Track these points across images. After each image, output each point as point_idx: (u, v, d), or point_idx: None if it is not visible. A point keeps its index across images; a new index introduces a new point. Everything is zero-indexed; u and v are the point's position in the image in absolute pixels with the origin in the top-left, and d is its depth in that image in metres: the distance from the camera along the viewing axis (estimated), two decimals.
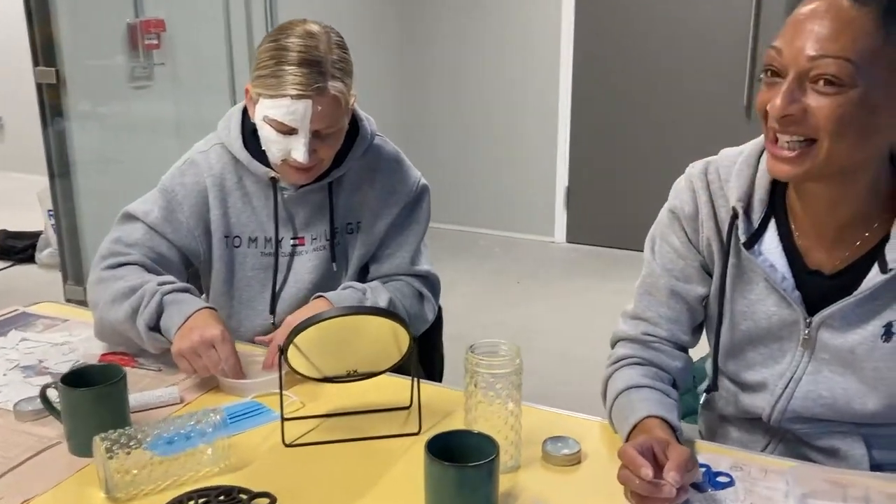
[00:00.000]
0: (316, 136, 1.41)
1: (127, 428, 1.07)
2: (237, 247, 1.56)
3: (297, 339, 1.16)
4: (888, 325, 1.06)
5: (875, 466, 1.15)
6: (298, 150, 1.40)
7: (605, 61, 4.71)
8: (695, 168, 1.19)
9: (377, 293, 1.51)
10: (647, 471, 0.91)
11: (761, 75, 1.03)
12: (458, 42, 4.96)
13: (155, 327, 1.38)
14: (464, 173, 5.11)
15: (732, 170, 1.14)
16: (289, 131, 1.39)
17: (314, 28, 1.41)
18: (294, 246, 1.57)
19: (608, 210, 4.90)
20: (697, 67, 4.50)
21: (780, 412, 1.16)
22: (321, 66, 1.37)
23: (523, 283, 4.35)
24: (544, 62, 4.81)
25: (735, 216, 1.11)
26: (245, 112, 1.54)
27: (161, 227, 1.51)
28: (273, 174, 1.50)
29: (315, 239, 1.57)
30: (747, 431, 1.25)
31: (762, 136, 1.07)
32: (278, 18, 3.47)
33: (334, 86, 1.38)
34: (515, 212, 5.02)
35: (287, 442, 1.18)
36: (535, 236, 5.04)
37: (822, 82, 0.95)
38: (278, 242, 1.55)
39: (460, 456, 0.97)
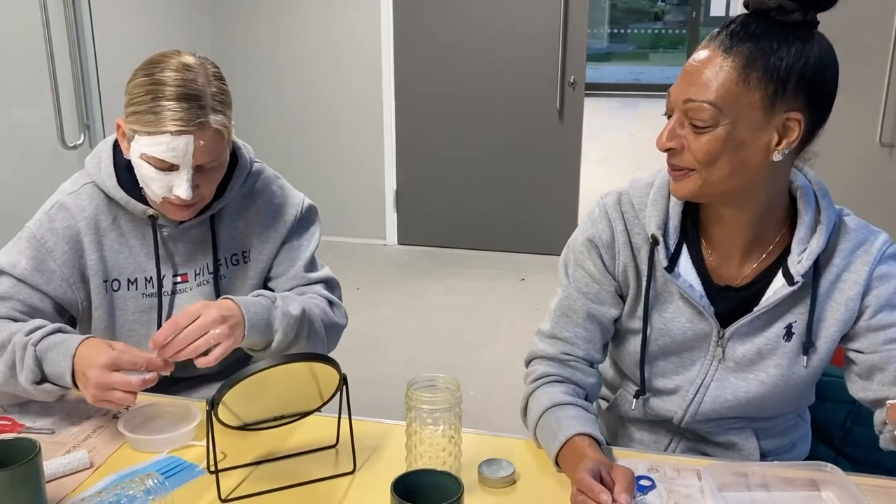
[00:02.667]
0: (198, 170, 1.36)
1: None
2: (116, 290, 1.47)
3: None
4: (789, 326, 1.22)
5: (763, 454, 1.32)
6: (181, 187, 1.34)
7: (426, 66, 4.83)
8: (608, 199, 1.28)
9: (288, 302, 1.44)
10: (606, 497, 0.98)
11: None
12: (278, 46, 4.87)
13: (42, 380, 1.29)
14: (290, 179, 5.01)
15: (646, 200, 1.25)
16: (169, 168, 1.33)
17: (190, 60, 1.35)
18: (176, 284, 1.50)
19: (437, 210, 5.04)
20: (514, 73, 4.74)
21: (691, 415, 1.30)
22: (201, 99, 1.32)
23: (362, 288, 4.38)
24: (366, 66, 4.85)
25: (656, 242, 1.22)
26: (115, 147, 1.45)
27: (31, 279, 1.40)
28: (151, 212, 1.44)
29: (198, 274, 1.51)
30: (650, 432, 1.38)
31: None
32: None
33: (216, 119, 1.34)
34: (346, 216, 5.03)
35: (224, 497, 1.15)
36: (368, 240, 5.08)
37: (693, 122, 1.10)
38: (160, 281, 1.48)
39: (421, 495, 0.99)
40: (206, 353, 1.27)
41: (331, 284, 1.62)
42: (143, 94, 1.31)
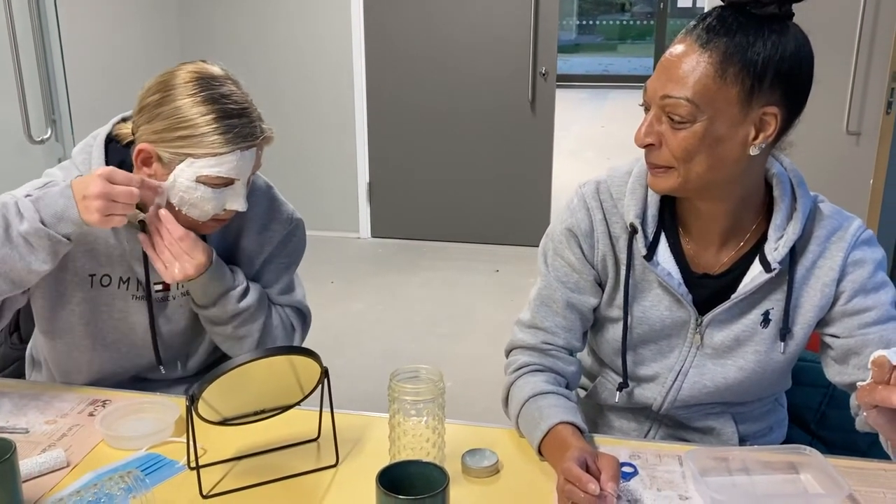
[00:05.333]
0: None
1: None
2: (106, 286, 1.43)
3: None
4: (766, 313, 1.24)
5: (741, 439, 1.34)
6: (237, 201, 1.33)
7: (397, 59, 4.81)
8: (587, 188, 1.28)
9: (254, 289, 1.45)
10: (594, 486, 0.99)
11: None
12: (250, 40, 4.82)
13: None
14: (263, 174, 4.97)
15: (624, 189, 1.25)
16: (226, 183, 1.31)
17: (216, 71, 1.32)
18: (158, 291, 1.46)
19: (410, 203, 5.03)
20: (486, 64, 4.73)
21: (670, 402, 1.31)
22: (251, 111, 1.31)
23: (336, 282, 4.36)
24: (338, 58, 4.82)
25: (634, 231, 1.23)
26: (108, 146, 1.40)
27: None
28: (142, 216, 1.38)
29: (180, 284, 1.46)
30: (629, 420, 1.39)
31: None
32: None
33: (267, 127, 1.34)
34: (320, 210, 4.99)
35: (206, 493, 1.14)
36: (341, 233, 5.05)
37: (670, 118, 1.10)
38: (149, 287, 1.44)
39: (406, 486, 0.99)
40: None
41: (303, 314, 1.59)
42: (197, 115, 1.26)
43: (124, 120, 1.42)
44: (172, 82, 1.30)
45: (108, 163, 1.38)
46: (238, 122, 1.28)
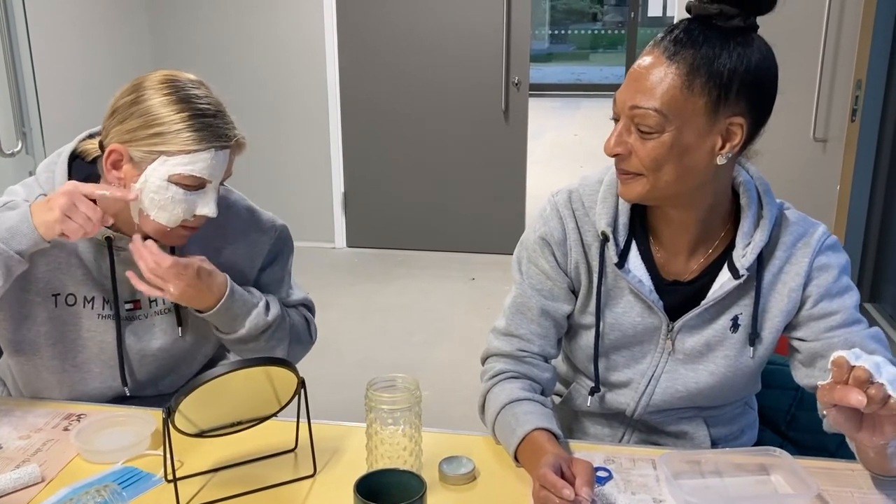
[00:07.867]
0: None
1: None
2: (71, 305, 1.41)
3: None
4: (735, 318, 1.26)
5: (713, 442, 1.36)
6: (208, 205, 1.32)
7: (371, 68, 4.83)
8: (559, 197, 1.30)
9: (273, 302, 1.49)
10: (569, 492, 1.00)
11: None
12: (220, 49, 4.80)
13: None
14: (237, 185, 4.95)
15: (596, 197, 1.28)
16: (198, 186, 1.30)
17: (189, 76, 1.33)
18: (129, 310, 1.45)
19: (385, 212, 5.04)
20: (459, 74, 4.77)
21: (643, 407, 1.33)
22: (224, 114, 1.32)
23: (312, 292, 4.34)
24: (311, 68, 4.82)
25: (606, 239, 1.25)
26: (73, 163, 1.39)
27: None
28: (108, 233, 1.37)
29: (154, 302, 1.46)
30: (603, 425, 1.40)
31: None
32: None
33: (241, 134, 1.34)
34: (295, 220, 4.92)
35: None
36: (316, 243, 5.05)
37: (640, 128, 1.12)
38: (117, 306, 1.43)
39: (383, 495, 1.00)
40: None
41: (309, 307, 1.63)
42: (171, 113, 1.26)
43: (91, 136, 1.41)
44: (145, 84, 1.30)
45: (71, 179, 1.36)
46: (213, 122, 1.29)
